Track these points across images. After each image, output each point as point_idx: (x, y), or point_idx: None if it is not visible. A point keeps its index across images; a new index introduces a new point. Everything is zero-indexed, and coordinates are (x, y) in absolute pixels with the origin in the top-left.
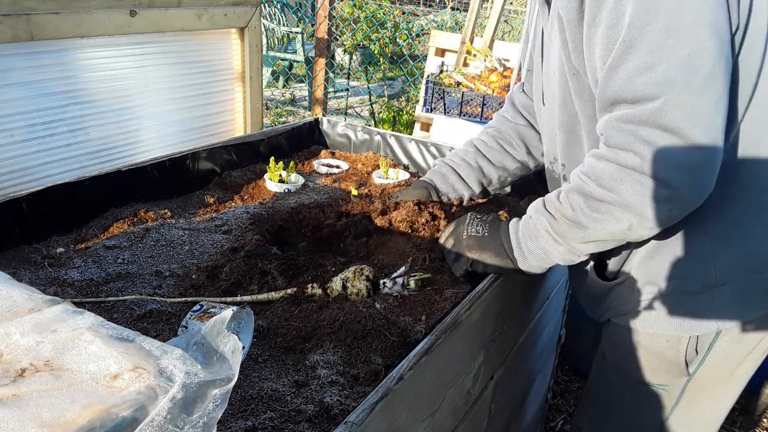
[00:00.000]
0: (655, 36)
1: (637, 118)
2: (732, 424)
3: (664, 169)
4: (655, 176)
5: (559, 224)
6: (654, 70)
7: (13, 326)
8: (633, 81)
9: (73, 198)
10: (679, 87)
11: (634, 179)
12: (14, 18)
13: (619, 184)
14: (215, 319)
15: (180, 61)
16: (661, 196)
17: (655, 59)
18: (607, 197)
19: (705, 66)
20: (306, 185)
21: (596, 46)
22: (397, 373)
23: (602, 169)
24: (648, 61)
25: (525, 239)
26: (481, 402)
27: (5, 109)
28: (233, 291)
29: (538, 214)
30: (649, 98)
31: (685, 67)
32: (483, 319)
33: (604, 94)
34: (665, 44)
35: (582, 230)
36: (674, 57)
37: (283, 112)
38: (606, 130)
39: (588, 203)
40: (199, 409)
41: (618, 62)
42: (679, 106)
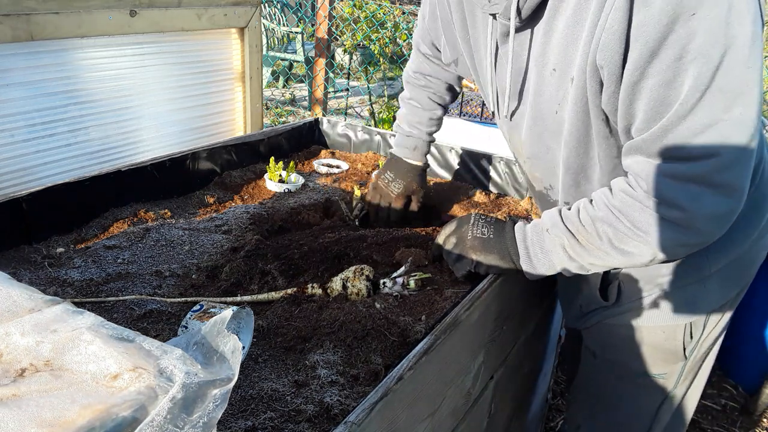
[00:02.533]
0: (714, 98)
1: (688, 176)
2: (732, 424)
3: (704, 222)
4: (694, 227)
5: (581, 246)
6: (709, 131)
7: (13, 326)
8: (688, 142)
9: (73, 198)
10: (730, 147)
11: (672, 228)
12: (14, 18)
13: (655, 229)
14: (215, 319)
15: (180, 61)
16: (692, 242)
17: (711, 121)
18: (639, 237)
19: (753, 121)
20: (306, 185)
21: (641, 96)
22: (396, 373)
23: (639, 213)
24: (704, 123)
25: (536, 250)
26: (481, 402)
27: (5, 109)
28: (233, 291)
29: (557, 230)
30: (701, 157)
31: (737, 127)
32: (483, 319)
33: (652, 146)
34: (721, 105)
35: (605, 257)
36: (728, 117)
37: (283, 112)
38: (648, 180)
39: (617, 236)
40: (199, 409)
41: (675, 123)
42: (731, 165)
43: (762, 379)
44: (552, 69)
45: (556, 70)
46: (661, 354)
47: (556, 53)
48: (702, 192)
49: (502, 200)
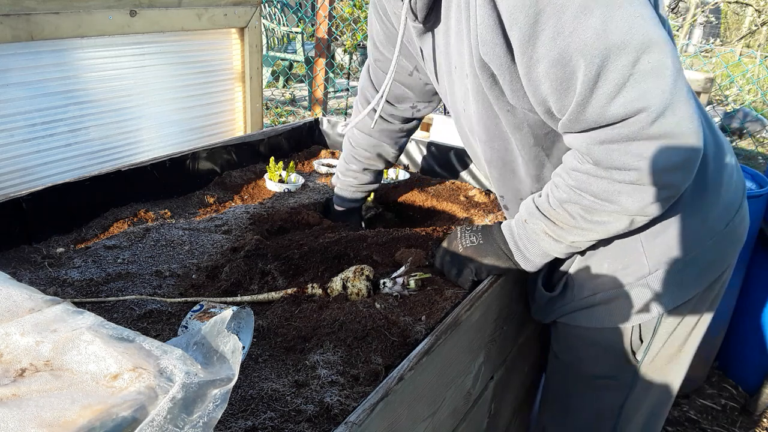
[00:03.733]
0: (616, 58)
1: (623, 137)
2: (732, 424)
3: (663, 175)
4: (656, 183)
5: (558, 228)
6: (625, 90)
7: (13, 326)
8: (608, 108)
9: (73, 198)
10: (653, 97)
11: (634, 190)
12: (14, 18)
13: (618, 196)
14: (215, 319)
15: (180, 61)
16: (662, 196)
17: (622, 79)
18: (607, 207)
19: (668, 66)
20: (306, 185)
21: (541, 83)
22: (397, 374)
23: (596, 185)
24: (617, 84)
25: (523, 242)
26: (482, 402)
27: (5, 109)
28: (233, 291)
29: (534, 218)
30: (630, 116)
31: (652, 76)
32: (483, 319)
33: (576, 123)
34: (626, 62)
35: (585, 233)
36: (639, 70)
37: (283, 112)
38: (590, 153)
39: (588, 212)
40: (199, 409)
41: (587, 95)
42: (662, 113)
43: (762, 379)
44: (454, 67)
45: (456, 68)
46: (611, 355)
47: (455, 51)
48: (645, 146)
49: None
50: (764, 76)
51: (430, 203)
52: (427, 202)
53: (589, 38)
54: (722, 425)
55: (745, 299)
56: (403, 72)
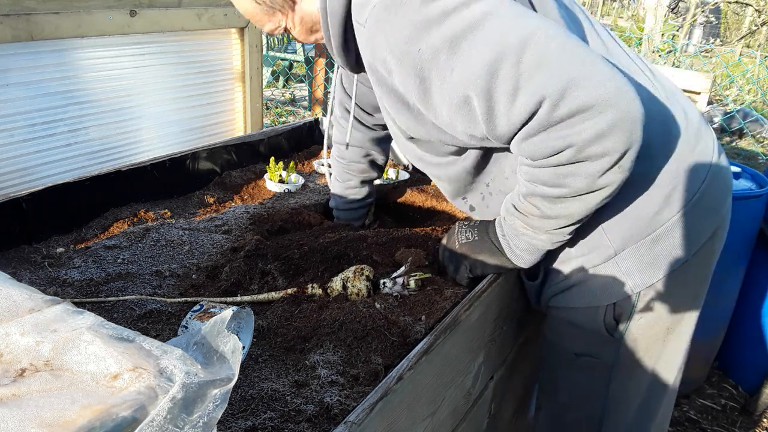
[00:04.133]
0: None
1: (538, 128)
2: (732, 424)
3: (595, 145)
4: (592, 155)
5: (531, 220)
6: (519, 92)
7: (13, 326)
8: (512, 114)
9: (73, 198)
10: (550, 85)
11: (576, 167)
12: (14, 18)
13: (565, 178)
14: (215, 319)
15: (180, 61)
16: (606, 165)
17: (512, 84)
18: (561, 192)
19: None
20: (306, 185)
21: (454, 123)
22: (396, 373)
23: (542, 174)
24: (508, 91)
25: (511, 239)
26: (481, 402)
27: (5, 109)
28: (233, 291)
29: (510, 215)
30: (534, 110)
31: (539, 68)
32: (483, 319)
33: (498, 139)
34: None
35: (555, 220)
36: (524, 68)
37: (283, 112)
38: (522, 152)
39: (547, 200)
40: (199, 409)
41: (489, 114)
42: (560, 93)
43: (762, 379)
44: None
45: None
46: (588, 334)
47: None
48: (566, 126)
49: None
50: (764, 76)
51: (430, 203)
52: (427, 202)
53: (465, 70)
54: (722, 425)
55: (745, 299)
56: None
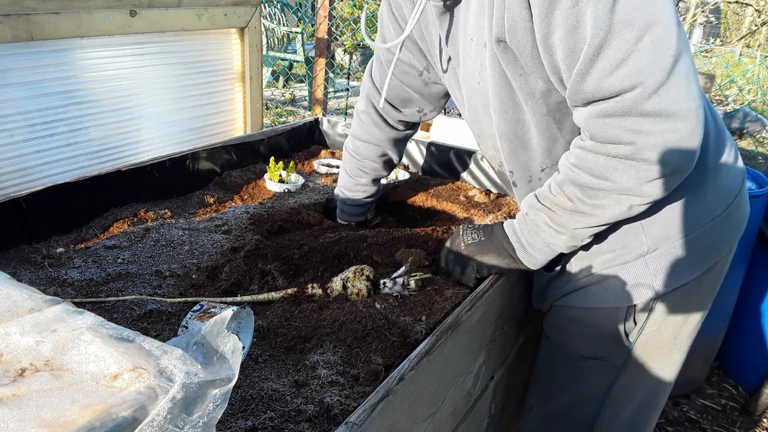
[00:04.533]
0: (619, 32)
1: (618, 111)
2: (732, 424)
3: (657, 151)
4: (649, 160)
5: (558, 215)
6: (624, 64)
7: (13, 326)
8: (605, 80)
9: (73, 198)
10: (650, 75)
11: (629, 166)
12: (14, 18)
13: (614, 172)
14: (215, 319)
15: (180, 61)
16: (657, 175)
17: (623, 54)
18: (603, 186)
19: (671, 46)
20: (306, 185)
21: (556, 49)
22: (397, 374)
23: (593, 161)
24: (617, 58)
25: (525, 236)
26: (482, 402)
27: (5, 109)
28: (233, 291)
29: (534, 210)
30: (625, 91)
31: (652, 54)
32: (484, 319)
33: (576, 95)
34: (629, 37)
35: (584, 217)
36: (640, 47)
37: (283, 112)
38: (588, 127)
39: (585, 193)
40: (199, 409)
41: (588, 66)
42: (655, 90)
43: (762, 379)
44: (470, 40)
45: (473, 40)
46: (603, 336)
47: (472, 24)
48: (640, 122)
49: (502, 200)
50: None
51: (430, 203)
52: (427, 202)
53: (601, 10)
54: (722, 425)
55: (745, 299)
56: (413, 73)
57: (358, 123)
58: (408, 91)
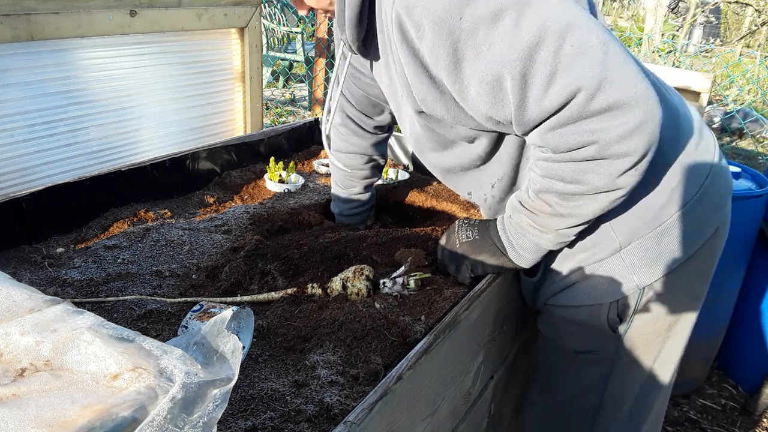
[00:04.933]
0: (536, 53)
1: (569, 119)
2: (732, 424)
3: (619, 143)
4: (616, 154)
5: (540, 218)
6: (555, 79)
7: (13, 326)
8: (544, 101)
9: (73, 198)
10: (585, 78)
11: (598, 165)
12: (14, 18)
13: (584, 174)
14: (215, 319)
15: (180, 61)
16: (628, 166)
17: (549, 70)
18: (578, 190)
19: (591, 42)
20: (306, 185)
21: (479, 102)
22: (396, 373)
23: (561, 169)
24: (546, 76)
25: (514, 236)
26: (481, 402)
27: (5, 109)
28: (233, 291)
29: (517, 213)
30: (568, 100)
31: (578, 57)
32: (482, 318)
33: (523, 125)
34: (547, 53)
35: (565, 219)
36: (563, 57)
37: (283, 112)
38: (546, 142)
39: (562, 197)
40: (199, 409)
41: (521, 97)
42: (596, 88)
43: (762, 379)
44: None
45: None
46: (589, 331)
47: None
48: (595, 122)
49: None
50: (764, 76)
51: (430, 203)
52: (426, 202)
53: (504, 47)
54: (722, 425)
55: (745, 299)
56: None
57: (338, 136)
58: (373, 99)
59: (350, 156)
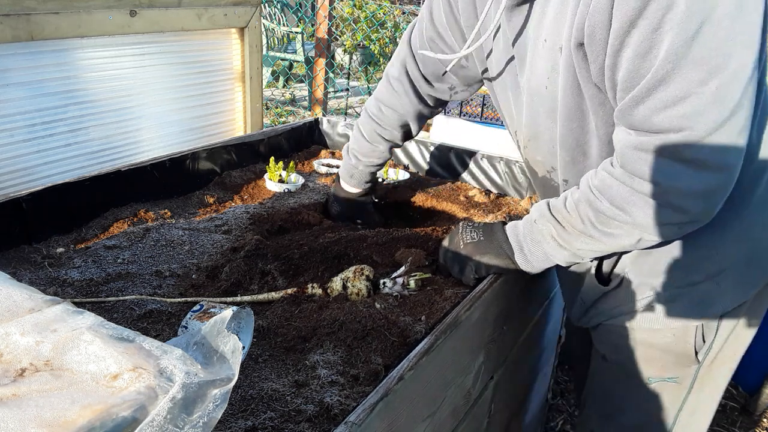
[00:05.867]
0: (688, 70)
1: (656, 149)
2: (732, 424)
3: (680, 198)
4: (670, 204)
5: (566, 232)
6: (681, 104)
7: (13, 326)
8: (656, 115)
9: (73, 198)
10: (703, 121)
11: (648, 204)
12: (14, 18)
13: (632, 206)
14: (215, 319)
15: (180, 61)
16: (674, 220)
17: (682, 93)
18: (618, 216)
19: (733, 98)
20: (306, 185)
21: (620, 67)
22: (397, 373)
23: (616, 190)
24: (675, 96)
25: (528, 243)
26: (481, 402)
27: (5, 109)
28: (233, 291)
29: (544, 220)
30: (671, 130)
31: (713, 101)
32: (483, 319)
33: (623, 117)
34: (694, 78)
35: (591, 241)
36: (703, 91)
37: (283, 112)
38: (622, 154)
39: (598, 218)
40: (199, 409)
41: (644, 95)
42: (701, 140)
43: (762, 379)
44: (543, 40)
45: (547, 41)
46: (672, 357)
47: (549, 24)
48: (673, 166)
49: (502, 200)
50: None
51: (430, 203)
52: (427, 202)
53: (678, 42)
54: (722, 425)
55: None
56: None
57: (387, 88)
58: (443, 68)
59: (390, 111)
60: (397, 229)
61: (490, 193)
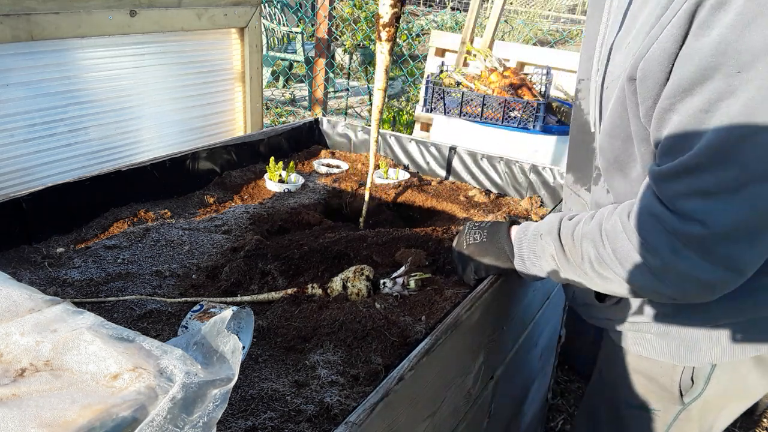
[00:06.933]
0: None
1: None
2: (732, 424)
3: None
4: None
5: (566, 259)
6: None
7: (13, 326)
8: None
9: (74, 198)
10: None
11: (648, 274)
12: (14, 18)
13: (631, 266)
14: (215, 319)
15: (180, 61)
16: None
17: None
18: (616, 268)
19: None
20: (306, 185)
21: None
22: (397, 374)
23: (621, 242)
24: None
25: (529, 254)
26: (481, 402)
27: (5, 109)
28: (233, 291)
29: (549, 239)
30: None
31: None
32: (483, 319)
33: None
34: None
35: (584, 277)
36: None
37: (283, 112)
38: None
39: (599, 261)
40: (199, 409)
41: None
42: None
43: None
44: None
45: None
46: (656, 388)
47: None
48: (686, 251)
49: (502, 200)
50: None
51: (430, 203)
52: (427, 202)
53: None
54: None
55: None
56: None
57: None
58: None
59: None
60: (397, 229)
61: (490, 193)
